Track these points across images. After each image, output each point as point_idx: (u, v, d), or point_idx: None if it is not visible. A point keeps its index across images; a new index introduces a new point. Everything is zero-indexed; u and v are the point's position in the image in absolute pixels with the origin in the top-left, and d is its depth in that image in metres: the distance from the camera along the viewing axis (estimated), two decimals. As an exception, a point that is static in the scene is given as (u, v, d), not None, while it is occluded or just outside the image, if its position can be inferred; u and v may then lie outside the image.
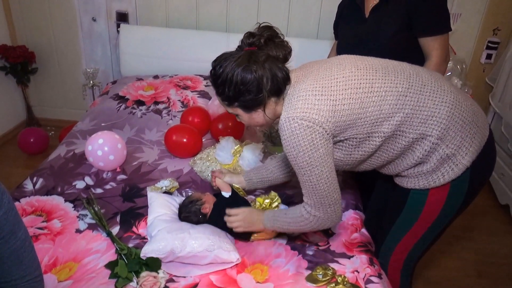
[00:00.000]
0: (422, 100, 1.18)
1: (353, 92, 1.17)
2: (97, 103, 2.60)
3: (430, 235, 1.39)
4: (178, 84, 2.68)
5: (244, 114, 1.30)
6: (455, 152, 1.21)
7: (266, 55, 1.21)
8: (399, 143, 1.22)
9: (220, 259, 1.39)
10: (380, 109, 1.17)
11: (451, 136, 1.19)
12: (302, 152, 1.16)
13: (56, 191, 1.75)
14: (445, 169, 1.23)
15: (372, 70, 1.22)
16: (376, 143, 1.22)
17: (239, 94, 1.22)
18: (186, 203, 1.59)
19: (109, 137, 1.89)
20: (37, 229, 1.54)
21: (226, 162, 1.91)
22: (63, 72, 3.26)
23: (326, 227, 1.35)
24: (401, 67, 1.25)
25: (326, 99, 1.16)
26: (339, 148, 1.25)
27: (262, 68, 1.19)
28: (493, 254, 2.38)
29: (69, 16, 3.03)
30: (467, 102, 1.24)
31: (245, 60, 1.20)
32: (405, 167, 1.28)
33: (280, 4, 2.85)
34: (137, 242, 1.51)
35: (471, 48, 2.88)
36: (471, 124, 1.22)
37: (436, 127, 1.18)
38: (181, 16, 2.96)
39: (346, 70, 1.21)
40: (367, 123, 1.18)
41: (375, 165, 1.33)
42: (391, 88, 1.18)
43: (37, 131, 3.04)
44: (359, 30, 1.78)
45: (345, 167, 1.35)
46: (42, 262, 1.38)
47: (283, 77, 1.23)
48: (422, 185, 1.28)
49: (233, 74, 1.20)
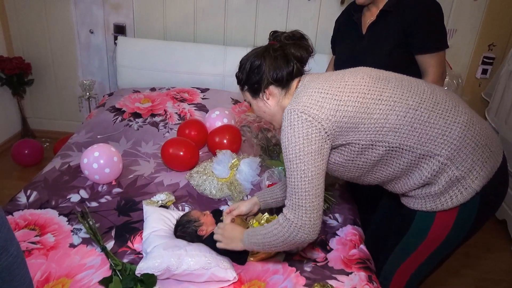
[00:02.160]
0: (433, 117, 1.16)
1: (360, 96, 1.16)
2: (93, 115, 2.59)
3: (435, 259, 1.35)
4: (175, 96, 2.68)
5: (252, 100, 1.37)
6: (465, 175, 1.17)
7: (281, 49, 1.29)
8: (405, 158, 1.19)
9: (216, 277, 1.37)
10: (386, 118, 1.15)
11: (462, 158, 1.16)
12: (294, 143, 1.15)
13: (50, 205, 1.73)
14: (454, 192, 1.19)
15: (385, 80, 1.21)
16: (380, 152, 1.19)
17: (247, 78, 1.32)
18: (183, 222, 1.55)
19: (105, 150, 1.87)
20: (30, 243, 1.51)
21: (223, 175, 1.90)
22: (60, 84, 3.25)
23: (298, 240, 1.23)
24: (416, 82, 1.24)
25: (331, 98, 1.16)
26: (341, 153, 1.23)
27: (270, 56, 1.28)
28: (491, 270, 2.36)
29: (67, 28, 3.04)
30: (481, 125, 1.21)
31: (261, 51, 1.31)
32: (412, 186, 1.24)
33: (277, 19, 2.87)
34: (132, 257, 1.48)
35: (467, 63, 2.91)
36: (484, 148, 1.18)
37: (446, 147, 1.15)
38: (179, 29, 2.97)
39: (358, 77, 1.21)
40: (371, 130, 1.16)
41: (380, 179, 1.29)
42: (401, 100, 1.16)
43: (32, 142, 3.01)
44: (356, 47, 1.78)
45: (349, 175, 1.31)
46: (35, 278, 1.35)
47: (288, 70, 1.28)
48: (429, 207, 1.24)
49: (247, 60, 1.33)
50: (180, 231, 1.53)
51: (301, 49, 1.30)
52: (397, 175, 1.25)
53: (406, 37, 1.65)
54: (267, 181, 1.86)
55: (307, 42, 1.33)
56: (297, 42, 1.31)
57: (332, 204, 1.80)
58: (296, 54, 1.29)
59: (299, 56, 1.30)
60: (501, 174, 1.24)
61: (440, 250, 1.32)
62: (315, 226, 1.21)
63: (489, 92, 2.89)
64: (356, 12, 1.79)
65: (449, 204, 1.21)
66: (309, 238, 1.23)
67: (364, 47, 1.75)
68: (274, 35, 1.34)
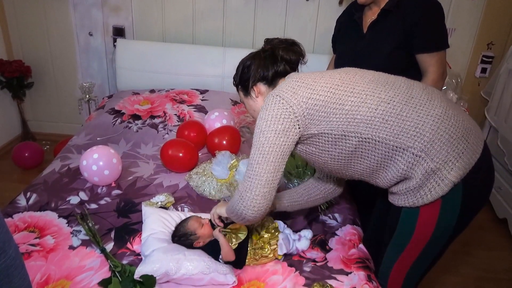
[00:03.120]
0: (406, 110, 1.19)
1: (333, 87, 1.22)
2: (92, 117, 2.59)
3: (428, 255, 1.36)
4: (174, 98, 2.68)
5: (244, 99, 1.43)
6: (440, 167, 1.19)
7: (270, 51, 1.36)
8: (378, 149, 1.21)
9: (215, 282, 1.37)
10: (357, 110, 1.19)
11: (436, 150, 1.18)
12: (263, 119, 1.21)
13: (50, 207, 1.73)
14: (432, 184, 1.21)
15: (360, 77, 1.26)
16: (353, 142, 1.22)
17: (240, 78, 1.40)
18: (180, 234, 1.50)
19: (104, 152, 1.87)
20: (29, 245, 1.51)
21: (222, 176, 1.90)
22: (59, 86, 3.25)
23: (238, 211, 1.26)
24: (393, 79, 1.27)
25: (305, 86, 1.23)
26: (315, 144, 1.27)
27: (259, 57, 1.36)
28: (491, 269, 2.35)
29: (66, 30, 3.05)
30: (458, 117, 1.23)
31: (253, 53, 1.40)
32: (391, 179, 1.26)
33: (276, 20, 2.88)
34: (132, 259, 1.48)
35: (466, 62, 2.91)
36: (460, 140, 1.20)
37: (419, 139, 1.18)
38: (178, 31, 2.98)
39: (335, 73, 1.28)
40: (343, 120, 1.20)
41: (359, 172, 1.31)
42: (373, 94, 1.20)
43: (32, 145, 3.01)
44: (356, 46, 1.78)
45: (328, 168, 1.34)
46: (34, 280, 1.35)
47: (275, 69, 1.35)
48: (411, 203, 1.26)
49: (241, 62, 1.42)
50: (176, 241, 1.50)
51: (291, 52, 1.37)
52: (374, 168, 1.27)
53: (407, 37, 1.65)
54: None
55: (298, 47, 1.40)
56: (288, 46, 1.38)
57: (332, 204, 1.80)
58: (285, 57, 1.36)
59: (288, 59, 1.36)
60: (483, 165, 1.24)
61: (431, 246, 1.32)
62: (255, 202, 1.23)
63: (489, 90, 2.89)
64: (358, 11, 1.80)
65: (429, 197, 1.22)
66: (247, 213, 1.25)
67: (364, 46, 1.75)
68: (267, 41, 1.42)
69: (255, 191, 1.22)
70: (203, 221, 1.53)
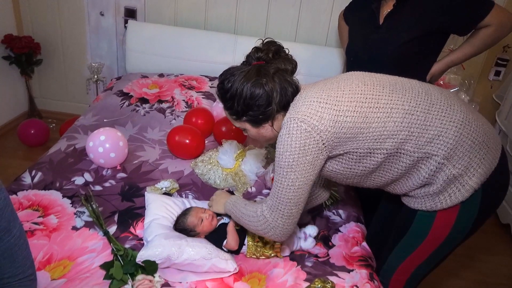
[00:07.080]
0: (429, 119, 1.16)
1: (358, 105, 1.15)
2: (100, 98, 2.58)
3: (436, 258, 1.35)
4: (183, 83, 2.66)
5: (252, 129, 1.29)
6: (462, 173, 1.17)
7: (275, 69, 1.22)
8: (403, 162, 1.19)
9: (217, 268, 1.37)
10: (384, 126, 1.15)
11: (458, 156, 1.16)
12: (289, 152, 1.14)
13: (55, 186, 1.73)
14: (452, 190, 1.19)
15: (380, 86, 1.20)
16: (378, 159, 1.19)
17: (248, 109, 1.22)
18: (180, 228, 1.49)
19: (111, 134, 1.86)
20: (33, 224, 1.51)
21: (228, 166, 1.88)
22: (68, 65, 3.23)
23: (267, 236, 1.29)
24: (410, 84, 1.23)
25: (330, 108, 1.14)
26: (339, 161, 1.22)
27: (272, 81, 1.19)
28: (493, 274, 2.35)
29: (77, 9, 3.01)
30: (478, 122, 1.21)
31: (254, 75, 1.19)
32: (411, 187, 1.24)
33: (289, 10, 2.83)
34: (134, 243, 1.48)
35: (480, 64, 2.86)
36: (481, 145, 1.18)
37: (443, 147, 1.15)
38: (190, 16, 2.94)
39: (353, 85, 1.20)
40: (369, 139, 1.16)
41: (379, 183, 1.29)
42: (398, 106, 1.16)
43: (38, 123, 3.01)
44: (371, 37, 1.76)
45: (347, 182, 1.32)
46: (36, 259, 1.36)
47: (293, 90, 1.23)
48: (429, 207, 1.24)
49: (243, 88, 1.19)
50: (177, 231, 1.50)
51: (289, 62, 1.25)
52: (396, 178, 1.25)
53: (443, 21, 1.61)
54: (272, 174, 1.85)
55: (285, 53, 1.27)
56: (281, 55, 1.26)
57: (337, 200, 1.79)
58: (288, 69, 1.24)
59: (290, 70, 1.25)
60: (501, 170, 1.23)
61: (441, 249, 1.32)
62: (286, 230, 1.26)
63: (501, 94, 2.85)
64: (376, 0, 1.77)
65: (448, 202, 1.21)
66: (277, 239, 1.30)
67: (380, 37, 1.73)
68: (258, 54, 1.24)
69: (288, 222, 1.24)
70: (204, 215, 1.50)
